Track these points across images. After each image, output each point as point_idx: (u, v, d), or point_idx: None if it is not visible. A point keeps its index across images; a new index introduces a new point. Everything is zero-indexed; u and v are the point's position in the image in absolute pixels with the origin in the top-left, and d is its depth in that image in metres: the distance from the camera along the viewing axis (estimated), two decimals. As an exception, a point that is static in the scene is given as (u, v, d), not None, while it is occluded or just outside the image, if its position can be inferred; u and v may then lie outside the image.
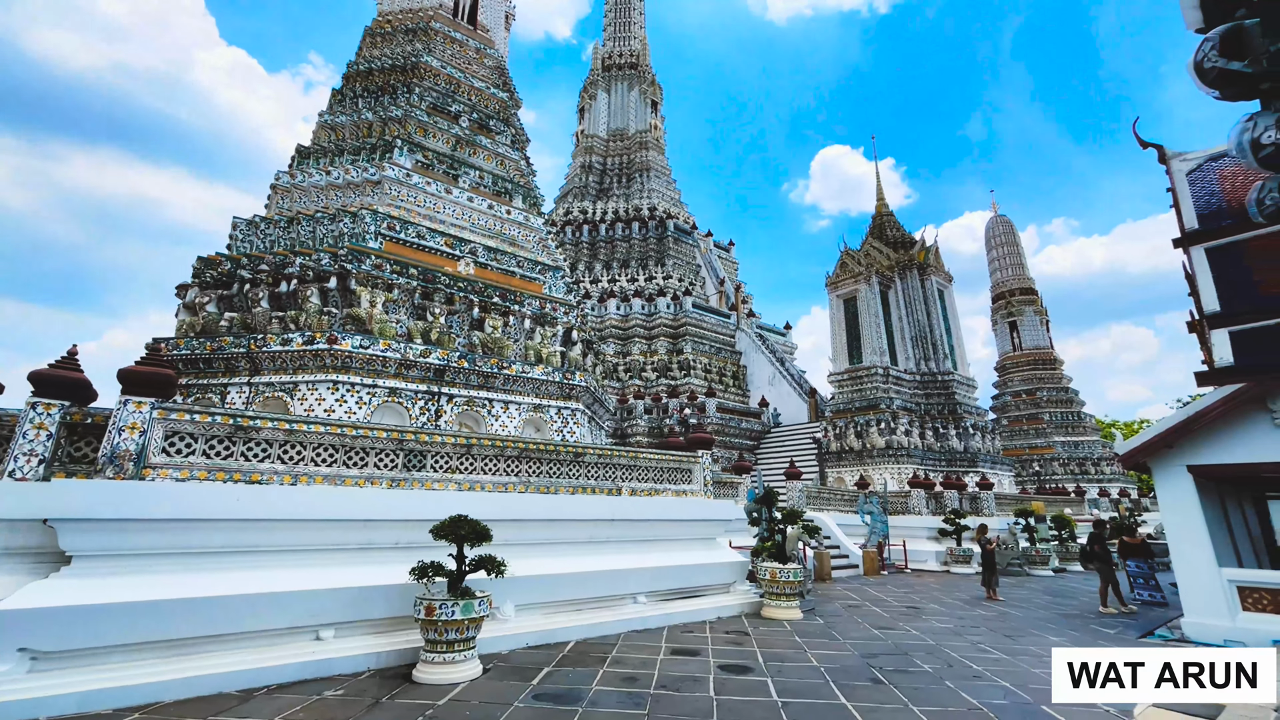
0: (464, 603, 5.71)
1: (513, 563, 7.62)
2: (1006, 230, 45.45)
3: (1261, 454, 8.09)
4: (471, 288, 10.29)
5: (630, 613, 8.27)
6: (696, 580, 9.38)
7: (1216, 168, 12.81)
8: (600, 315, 35.28)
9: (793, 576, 9.14)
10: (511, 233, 12.14)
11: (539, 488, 8.26)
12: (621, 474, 9.30)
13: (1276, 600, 7.71)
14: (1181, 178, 12.93)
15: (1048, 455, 36.14)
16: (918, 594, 12.20)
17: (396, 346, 8.89)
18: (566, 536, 8.40)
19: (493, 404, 9.88)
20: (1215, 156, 13.15)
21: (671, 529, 9.62)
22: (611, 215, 42.87)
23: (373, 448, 7.04)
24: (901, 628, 8.60)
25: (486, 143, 12.88)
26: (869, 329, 24.70)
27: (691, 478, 10.39)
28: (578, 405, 10.90)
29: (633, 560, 8.73)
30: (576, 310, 11.70)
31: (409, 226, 10.25)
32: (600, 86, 53.70)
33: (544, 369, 10.44)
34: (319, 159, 11.19)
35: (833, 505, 18.20)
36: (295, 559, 6.21)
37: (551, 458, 8.50)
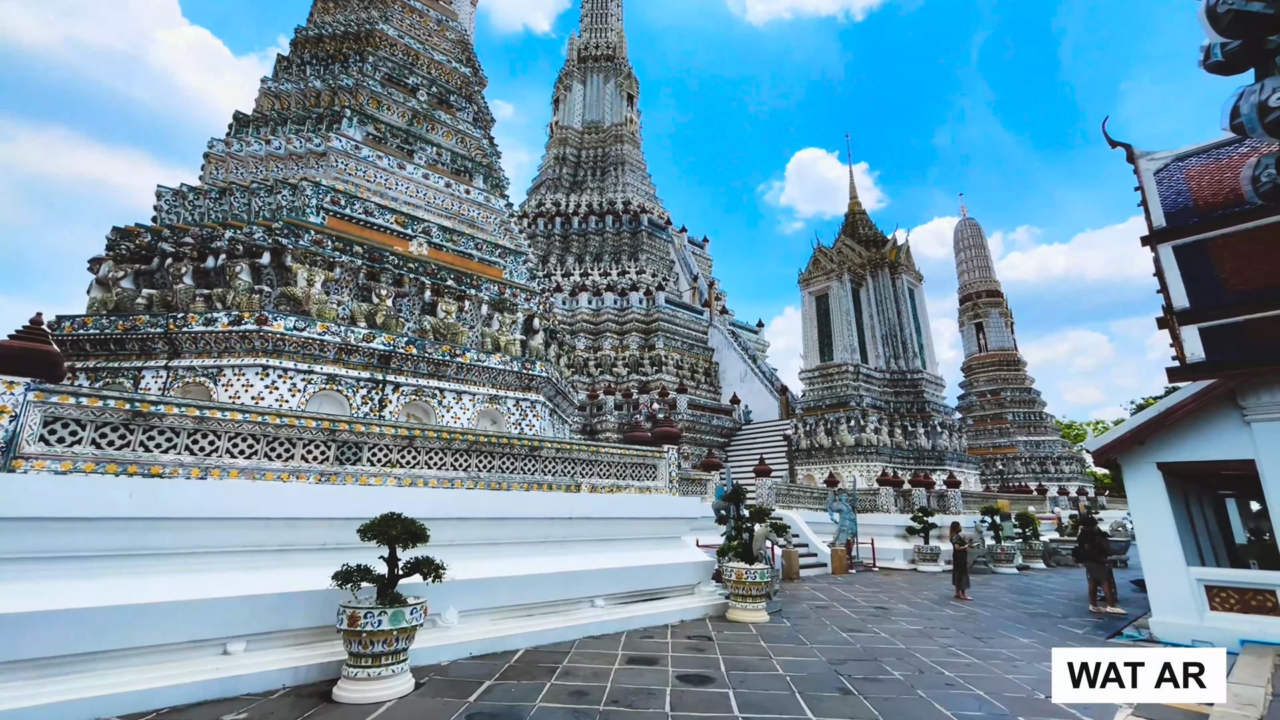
0: (393, 611, 5.10)
1: (458, 565, 7.02)
2: (974, 233, 46.26)
3: (1230, 451, 7.99)
4: (423, 269, 9.59)
5: (587, 617, 7.75)
6: (659, 581, 8.90)
7: (1183, 167, 12.89)
8: (571, 309, 34.59)
9: (759, 577, 8.73)
10: (470, 214, 11.45)
11: (490, 484, 7.66)
12: (581, 469, 8.76)
13: (1244, 599, 7.60)
14: (1149, 177, 12.97)
15: (1011, 454, 36.87)
16: (886, 593, 11.96)
17: (336, 329, 8.16)
18: (519, 536, 7.82)
19: (444, 394, 9.21)
20: (1182, 156, 13.24)
21: (634, 528, 9.12)
22: (585, 208, 42.17)
23: (300, 438, 6.35)
24: (870, 630, 8.27)
25: (446, 118, 12.15)
26: (840, 326, 24.62)
27: (656, 474, 9.91)
28: (538, 397, 10.30)
29: (591, 561, 8.20)
30: (539, 297, 11.09)
31: (356, 202, 9.50)
32: (576, 78, 52.85)
33: (501, 358, 9.81)
34: (259, 128, 10.32)
35: (802, 503, 17.98)
36: (203, 562, 5.51)
37: (504, 452, 7.91)
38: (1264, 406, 7.73)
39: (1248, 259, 9.82)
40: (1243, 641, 7.35)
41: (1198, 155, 12.91)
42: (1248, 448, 7.83)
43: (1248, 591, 7.60)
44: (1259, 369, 7.59)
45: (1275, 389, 7.67)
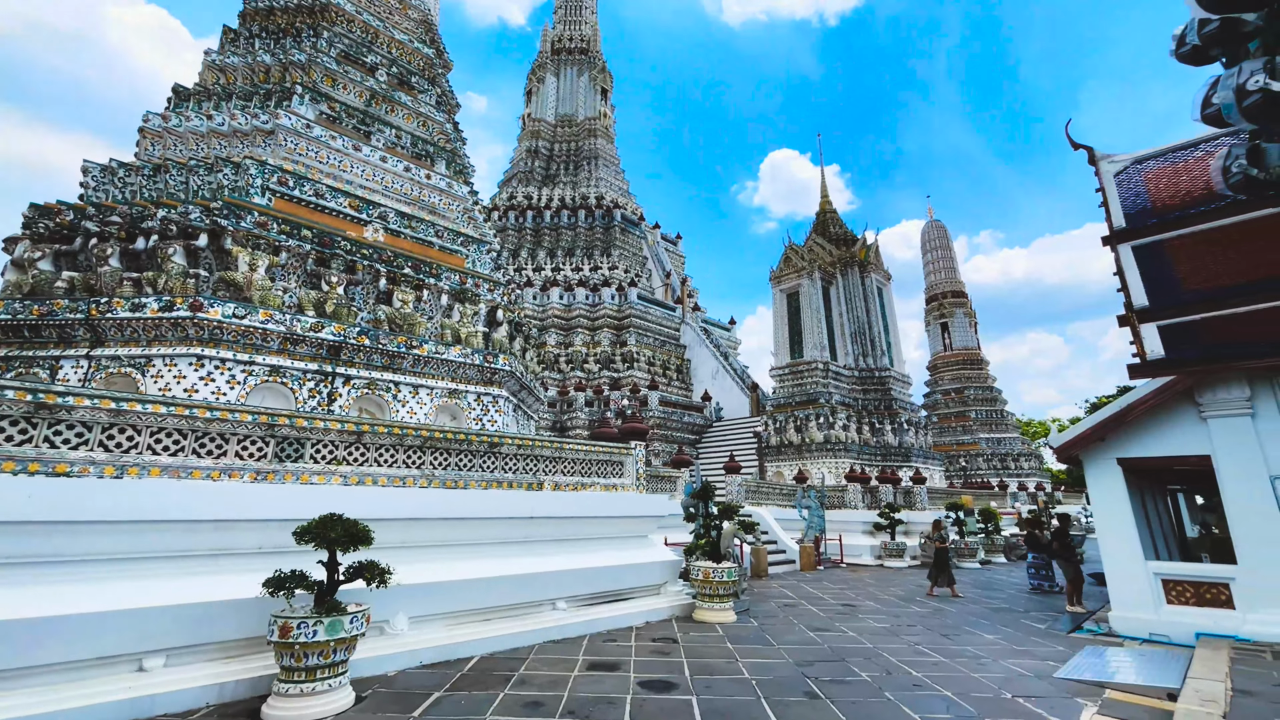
0: (330, 620, 4.70)
1: (410, 568, 6.63)
2: (940, 235, 47.24)
3: (1187, 447, 8.11)
4: (378, 256, 9.08)
5: (548, 620, 7.42)
6: (624, 582, 8.63)
7: (1142, 170, 13.17)
8: (542, 304, 34.04)
9: (727, 576, 8.54)
10: (431, 199, 10.95)
11: (445, 482, 7.26)
12: (544, 467, 8.42)
13: (1199, 593, 7.72)
14: (1110, 178, 13.22)
15: (973, 451, 37.77)
16: (854, 590, 11.94)
17: (281, 318, 7.63)
18: (477, 537, 7.45)
19: (399, 387, 8.75)
20: (1140, 159, 13.54)
21: (599, 526, 8.83)
22: (557, 202, 41.57)
23: (234, 433, 5.86)
24: (838, 629, 8.15)
25: (407, 100, 11.60)
26: (810, 323, 24.73)
27: (623, 471, 9.62)
28: (501, 392, 9.90)
29: (553, 562, 7.88)
30: (504, 288, 10.67)
31: (305, 183, 8.93)
32: (549, 70, 52.07)
33: (462, 350, 9.38)
34: (201, 102, 9.64)
35: (771, 500, 17.94)
36: (119, 570, 5.00)
37: (461, 448, 7.52)
38: (1220, 403, 7.86)
39: (1203, 259, 10.03)
40: (1198, 635, 7.45)
41: (1156, 158, 13.22)
42: (1205, 444, 7.96)
43: (1202, 585, 7.72)
44: (1216, 366, 7.70)
45: (1231, 386, 7.80)
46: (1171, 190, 11.88)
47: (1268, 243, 9.32)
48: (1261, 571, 7.30)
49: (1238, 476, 7.61)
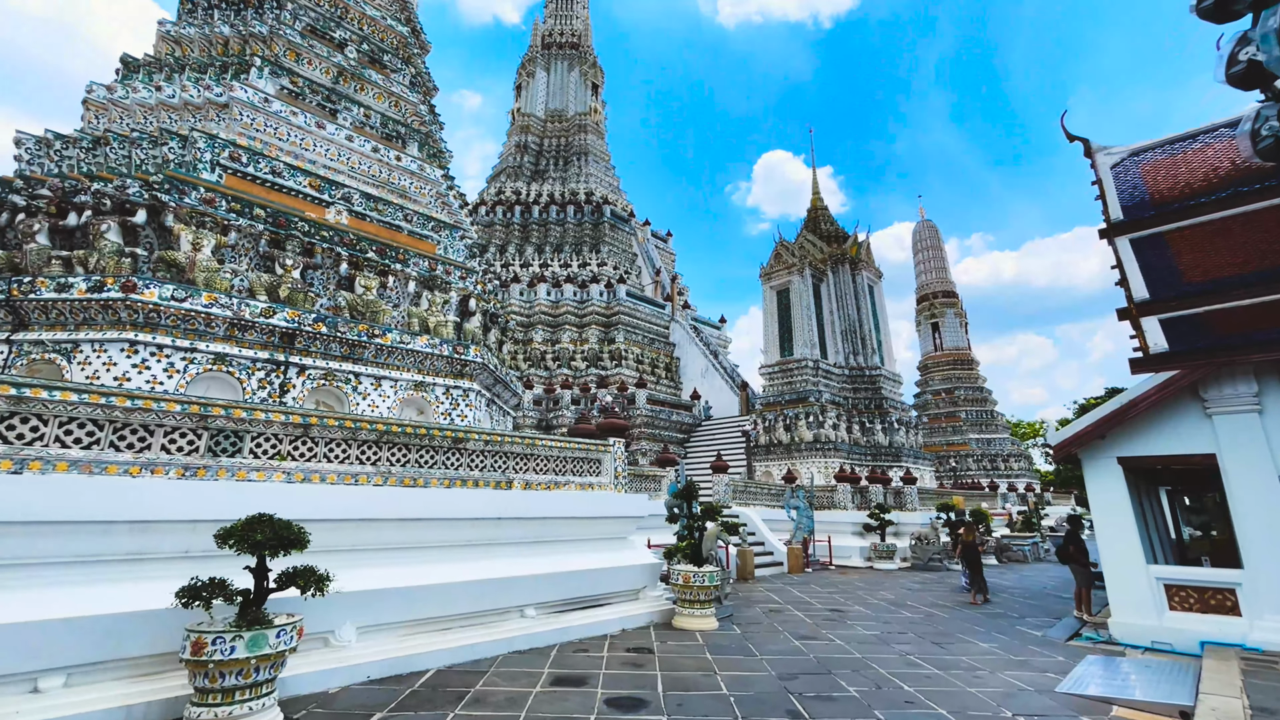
0: (252, 635, 4.15)
1: (361, 572, 6.09)
2: (932, 235, 47.12)
3: (1191, 445, 7.72)
4: (340, 239, 8.51)
5: (515, 629, 6.90)
6: (600, 587, 8.12)
7: (1139, 161, 12.83)
8: (529, 300, 33.45)
9: (708, 581, 8.05)
10: (401, 182, 10.38)
11: (404, 479, 6.72)
12: (514, 464, 7.89)
13: (1204, 599, 7.33)
14: (1106, 171, 12.87)
15: (963, 451, 37.60)
16: (842, 594, 11.50)
17: (228, 302, 7.05)
18: (439, 539, 6.91)
19: (360, 379, 8.18)
20: (1137, 151, 13.20)
21: (574, 528, 8.31)
22: (546, 197, 40.99)
23: (160, 425, 5.29)
24: (825, 636, 7.69)
25: (378, 79, 11.02)
26: (800, 321, 24.34)
27: (601, 469, 9.11)
28: (472, 385, 9.36)
29: (523, 566, 7.36)
30: (477, 276, 10.12)
31: (261, 160, 8.35)
32: (539, 64, 51.43)
33: (429, 340, 8.83)
34: (153, 73, 9.02)
35: (759, 500, 17.50)
36: (13, 577, 4.43)
37: (422, 443, 6.98)
38: (1226, 399, 7.47)
39: (1205, 251, 9.68)
40: (1203, 643, 7.06)
41: (1153, 150, 12.89)
42: (1209, 442, 7.57)
43: (1207, 591, 7.34)
44: (1223, 359, 7.32)
45: (1238, 381, 7.42)
46: (1170, 182, 11.53)
47: (1275, 232, 8.96)
48: (1270, 576, 6.92)
49: (1245, 476, 7.23)
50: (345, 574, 5.95)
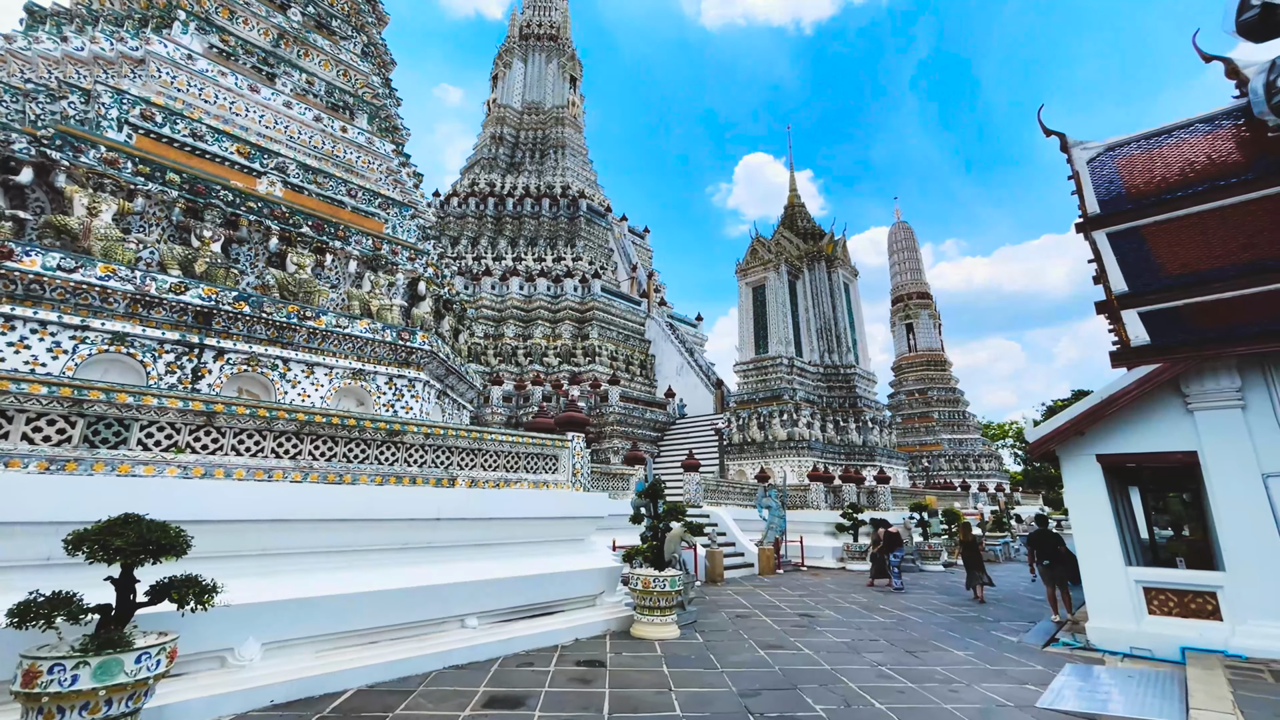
0: (102, 660, 3.44)
1: (272, 580, 5.37)
2: (907, 236, 47.44)
3: (1171, 442, 7.42)
4: (270, 211, 7.73)
5: (453, 641, 6.24)
6: (553, 593, 7.50)
7: (1115, 156, 12.65)
8: (501, 294, 32.59)
9: (670, 586, 7.49)
10: (348, 155, 9.60)
11: (328, 476, 6.01)
12: (459, 459, 7.22)
13: (1183, 603, 7.02)
14: (1083, 165, 12.67)
15: (936, 452, 37.82)
16: (813, 597, 11.05)
17: (130, 274, 6.24)
18: (368, 542, 6.22)
19: (289, 365, 7.42)
20: (1113, 146, 13.03)
21: (526, 529, 7.68)
22: (521, 190, 40.10)
23: (20, 410, 4.51)
24: (793, 645, 7.19)
25: (325, 45, 10.20)
26: (776, 318, 23.99)
27: (558, 466, 8.49)
28: (419, 375, 8.64)
29: (465, 571, 6.70)
30: (429, 258, 9.40)
31: (179, 121, 7.52)
32: (516, 55, 50.43)
33: (370, 324, 8.09)
34: (61, 24, 8.12)
35: (731, 499, 17.03)
36: None
37: (351, 436, 6.27)
38: (1208, 394, 7.18)
39: (1184, 245, 9.45)
40: (1183, 649, 6.74)
41: (1129, 144, 12.74)
42: (1190, 439, 7.27)
43: (1187, 594, 7.03)
44: (1207, 351, 7.01)
45: (1220, 375, 7.13)
46: (1146, 176, 11.35)
47: (1254, 225, 8.76)
48: (1252, 579, 6.62)
49: (1227, 474, 6.94)
50: (252, 582, 5.24)
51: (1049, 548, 9.63)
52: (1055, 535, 9.97)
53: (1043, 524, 10.83)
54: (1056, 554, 9.44)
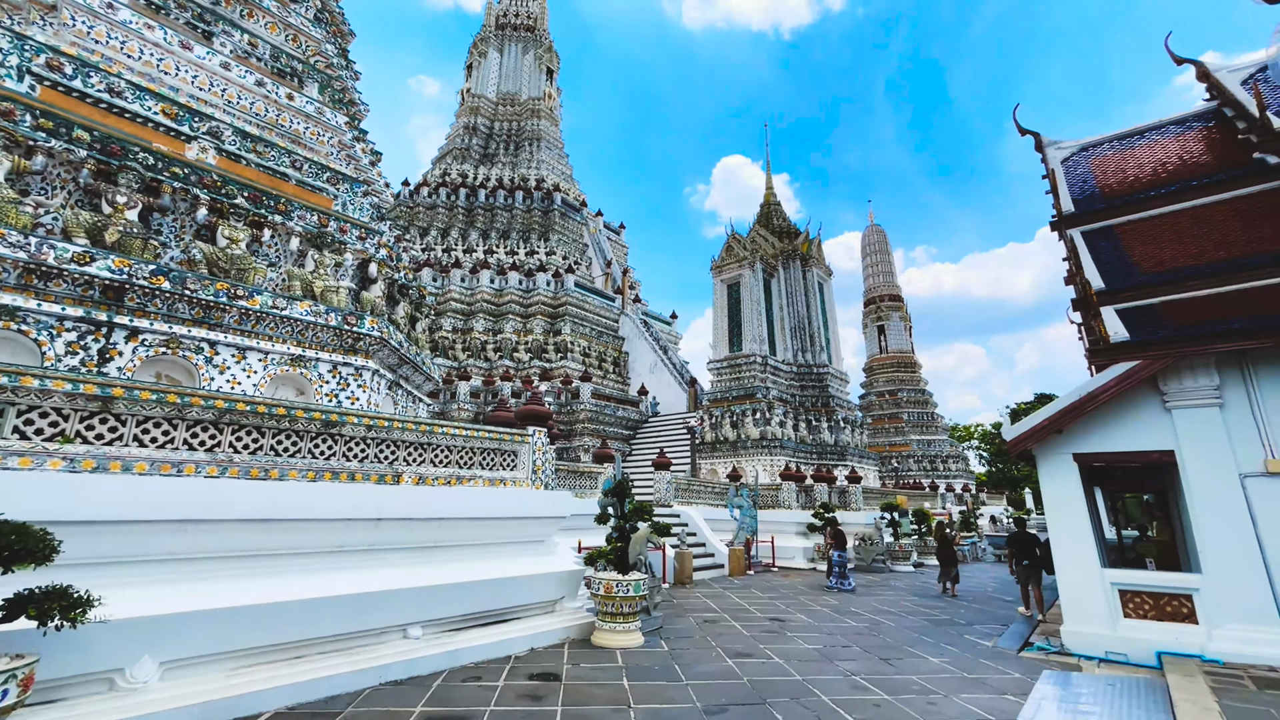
0: (-76, 693, 2.80)
1: (179, 589, 4.73)
2: (880, 239, 47.94)
3: (1149, 441, 7.25)
4: (199, 179, 6.99)
5: (393, 654, 5.66)
6: (508, 599, 6.96)
7: (1089, 156, 12.65)
8: (471, 287, 31.70)
9: (633, 590, 7.01)
10: (294, 125, 8.86)
11: (251, 470, 5.36)
12: (406, 454, 6.62)
13: (1159, 606, 6.84)
14: (1057, 164, 12.65)
15: (905, 452, 38.21)
16: (784, 600, 10.72)
17: (21, 240, 5.49)
18: (299, 544, 5.59)
19: (217, 349, 6.71)
20: (1086, 146, 13.05)
21: (479, 530, 7.11)
22: (494, 182, 39.15)
23: None
24: (762, 653, 6.79)
25: (272, 6, 9.43)
26: (750, 316, 23.75)
27: (517, 462, 7.94)
28: (368, 363, 7.99)
29: (409, 576, 6.11)
30: (381, 238, 8.72)
31: (94, 74, 6.74)
32: (492, 44, 49.33)
33: (312, 307, 7.42)
34: (-39, -35, 7.24)
35: (702, 499, 16.66)
36: None
37: (280, 426, 5.63)
38: (1186, 392, 7.02)
39: (1158, 243, 9.38)
40: (1159, 653, 6.56)
41: (1103, 145, 12.73)
42: (1167, 438, 7.11)
43: (1163, 597, 6.86)
44: (1194, 348, 6.84)
45: (1199, 373, 6.98)
46: (1120, 176, 11.32)
47: (1227, 225, 8.70)
48: (1230, 582, 6.47)
49: (1205, 474, 6.78)
50: (153, 591, 4.59)
51: (1028, 548, 9.82)
52: (1033, 536, 10.19)
53: (1021, 525, 11.03)
54: (1034, 555, 9.60)
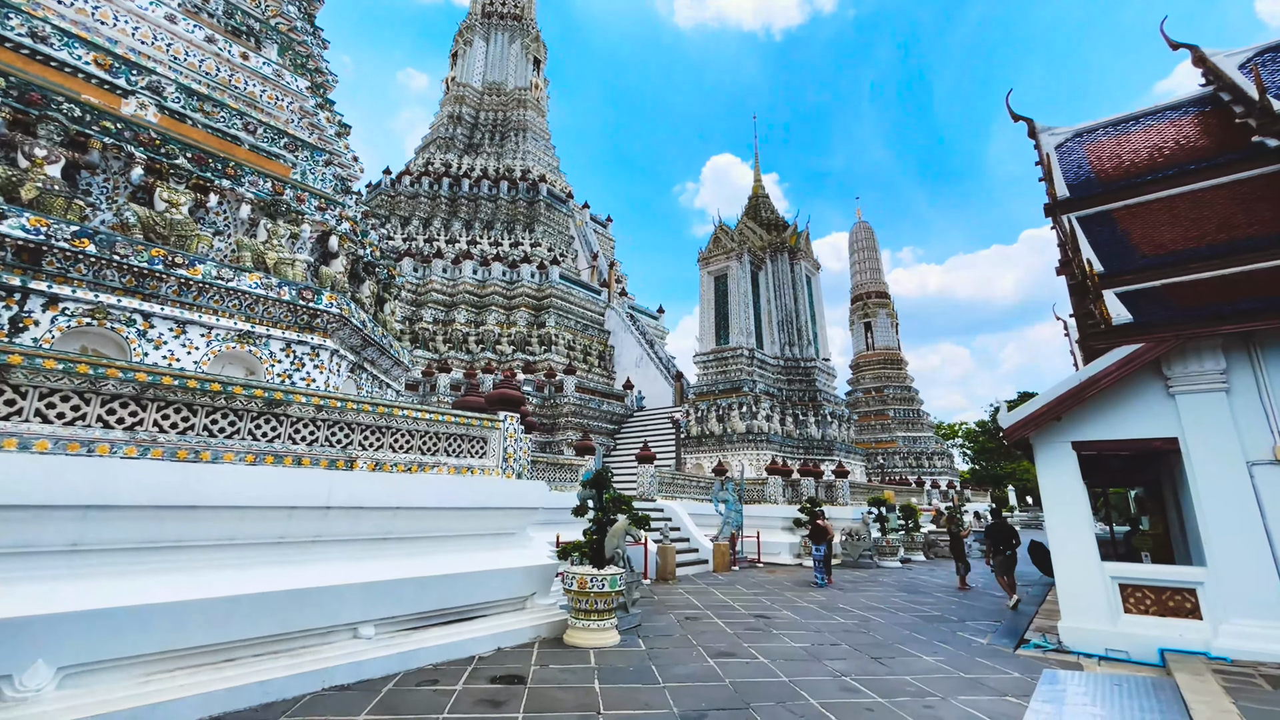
0: None
1: (86, 584, 4.16)
2: (868, 236, 47.87)
3: (1150, 428, 6.92)
4: (134, 135, 6.37)
5: (339, 655, 5.13)
6: (473, 595, 6.45)
7: (1083, 142, 12.40)
8: (453, 278, 30.99)
9: (609, 586, 6.54)
10: (250, 87, 8.23)
11: (179, 451, 4.79)
12: (361, 437, 6.07)
13: (1161, 601, 6.51)
14: (1051, 150, 12.41)
15: (891, 449, 38.16)
16: (769, 596, 10.31)
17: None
18: (233, 534, 5.03)
19: (151, 321, 6.10)
20: (1081, 132, 12.80)
21: (443, 520, 6.58)
22: (479, 172, 38.39)
23: None
24: (746, 652, 6.35)
25: (227, -40, 8.78)
26: (738, 308, 23.36)
27: (486, 449, 7.41)
28: (326, 343, 7.41)
29: (362, 570, 5.58)
30: (343, 209, 8.13)
31: (14, 15, 6.08)
32: (478, 33, 48.42)
33: (262, 279, 6.82)
34: None
35: (687, 493, 16.23)
36: None
37: (215, 404, 5.06)
38: (1191, 377, 6.69)
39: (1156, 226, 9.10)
40: (1162, 650, 6.22)
41: (1097, 130, 12.49)
42: (1170, 424, 6.78)
43: (1165, 591, 6.52)
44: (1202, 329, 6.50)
45: (1204, 356, 6.65)
46: (1115, 161, 11.07)
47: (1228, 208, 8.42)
48: (1234, 575, 6.14)
49: (1210, 462, 6.46)
50: (53, 587, 4.03)
51: (1006, 539, 10.21)
52: (1011, 528, 10.53)
53: (997, 516, 11.16)
54: (1011, 545, 10.07)
